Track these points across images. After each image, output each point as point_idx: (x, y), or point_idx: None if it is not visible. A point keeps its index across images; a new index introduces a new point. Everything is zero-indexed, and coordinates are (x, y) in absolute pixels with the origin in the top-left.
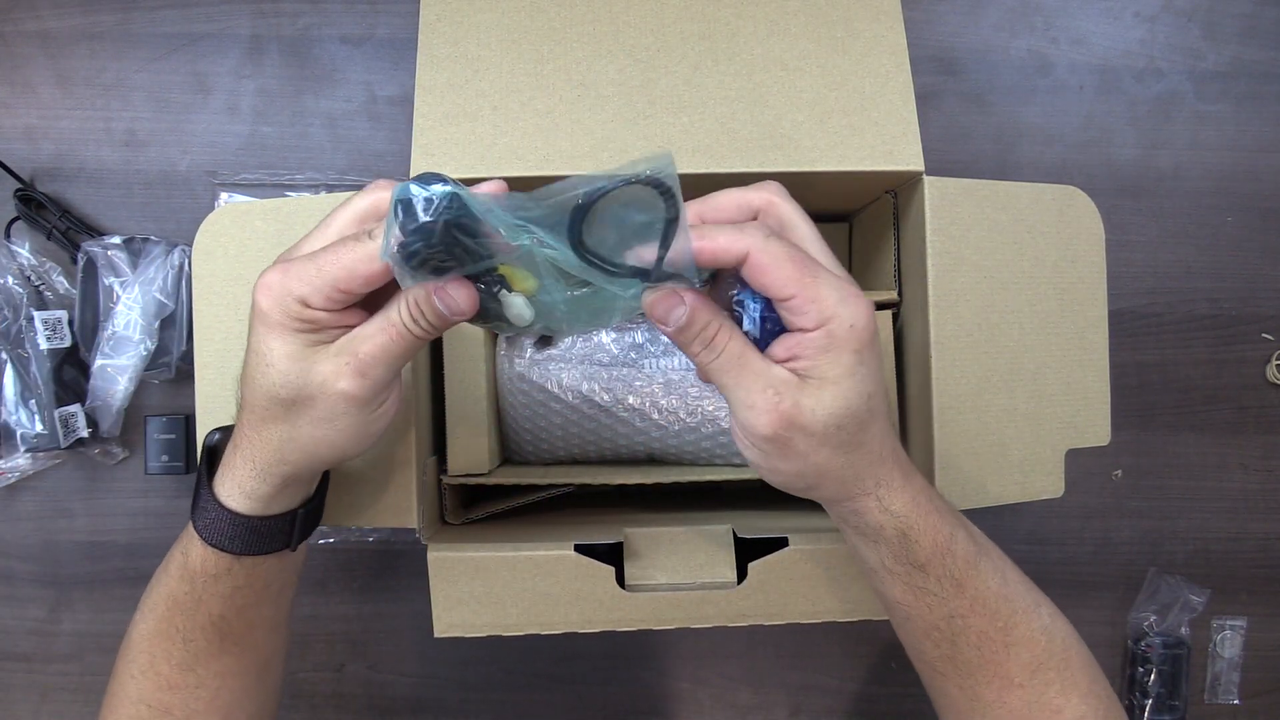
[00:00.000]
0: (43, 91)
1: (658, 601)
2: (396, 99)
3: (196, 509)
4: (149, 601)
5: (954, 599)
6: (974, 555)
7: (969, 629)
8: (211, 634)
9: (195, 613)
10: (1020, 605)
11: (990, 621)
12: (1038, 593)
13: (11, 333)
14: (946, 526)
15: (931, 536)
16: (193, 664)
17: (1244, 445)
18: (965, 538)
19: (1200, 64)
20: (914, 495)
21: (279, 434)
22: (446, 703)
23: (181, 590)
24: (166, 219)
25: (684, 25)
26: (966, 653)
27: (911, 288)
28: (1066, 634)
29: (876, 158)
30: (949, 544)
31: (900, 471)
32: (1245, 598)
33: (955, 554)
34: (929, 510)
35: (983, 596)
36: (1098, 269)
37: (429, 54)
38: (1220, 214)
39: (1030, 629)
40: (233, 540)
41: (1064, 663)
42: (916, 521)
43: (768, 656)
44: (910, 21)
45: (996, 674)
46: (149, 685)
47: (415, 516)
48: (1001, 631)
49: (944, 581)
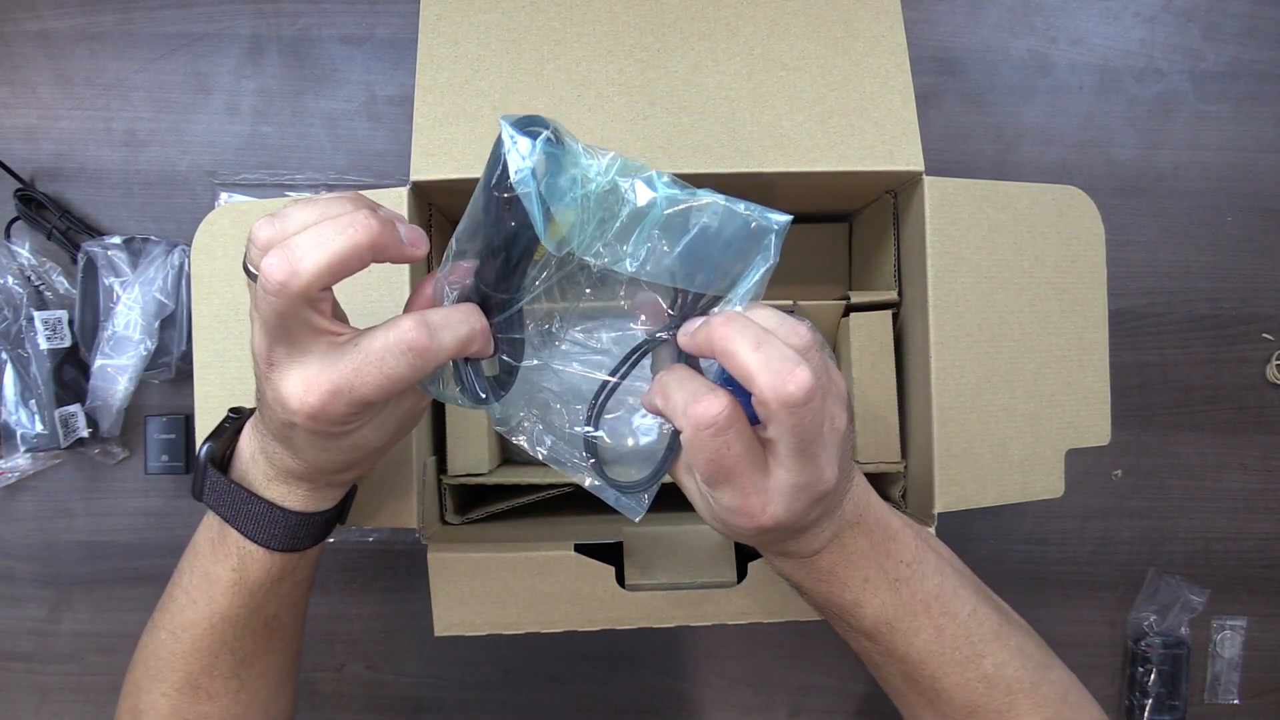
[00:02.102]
0: (43, 91)
1: (658, 600)
2: (396, 99)
3: (241, 519)
4: (179, 622)
5: (865, 643)
6: (888, 618)
7: (889, 667)
8: (262, 635)
9: (250, 621)
10: (954, 659)
11: (914, 669)
12: (990, 640)
13: (11, 333)
14: (849, 595)
15: (822, 599)
16: (238, 669)
17: (1244, 445)
18: (881, 602)
19: (1200, 64)
20: (797, 564)
21: (370, 463)
22: (446, 703)
23: (235, 605)
24: (166, 219)
25: (684, 25)
26: (894, 682)
27: (911, 288)
28: (1014, 680)
29: (876, 158)
30: (850, 608)
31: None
32: (1245, 598)
33: (858, 615)
34: (825, 579)
35: (900, 651)
36: (1098, 269)
37: (429, 54)
38: (1220, 214)
39: (964, 678)
40: (300, 539)
41: (1004, 707)
42: (803, 583)
43: (768, 656)
44: (910, 21)
45: (930, 704)
46: (186, 700)
47: (415, 516)
48: (928, 679)
49: (849, 630)
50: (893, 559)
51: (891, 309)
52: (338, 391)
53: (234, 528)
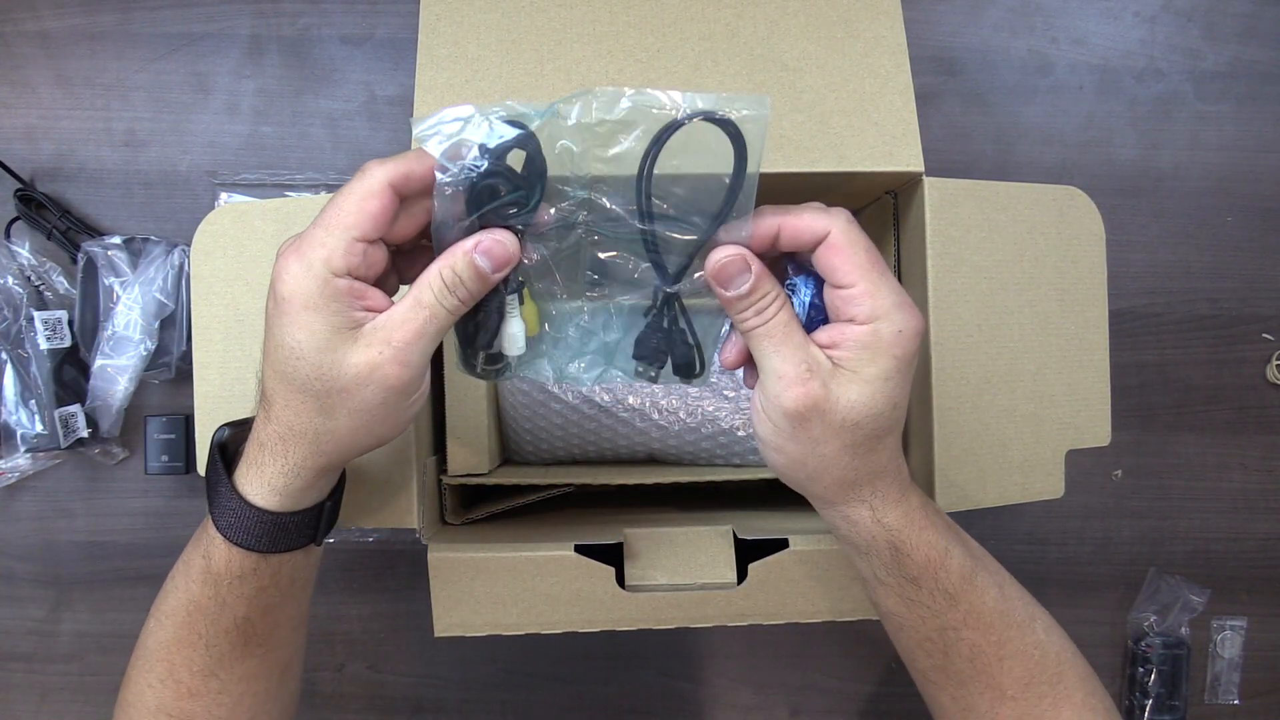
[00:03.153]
0: (43, 91)
1: (658, 601)
2: (396, 99)
3: (216, 508)
4: (164, 608)
5: (947, 612)
6: (969, 570)
7: (961, 641)
8: (235, 637)
9: (219, 616)
10: (1015, 620)
11: (984, 635)
12: (1035, 606)
13: (11, 333)
14: (942, 541)
15: (925, 551)
16: (215, 669)
17: (1244, 445)
18: (961, 553)
19: (1200, 64)
20: (908, 510)
21: (314, 427)
22: (446, 703)
23: (204, 595)
24: (166, 219)
25: (684, 25)
26: (959, 664)
27: (911, 288)
28: (1061, 648)
29: (876, 158)
30: (943, 559)
31: (898, 485)
32: (1245, 598)
33: (949, 569)
34: (924, 525)
35: (977, 611)
36: (1098, 269)
37: (429, 54)
38: (1220, 214)
39: (1024, 644)
40: (259, 539)
41: (1057, 677)
42: (910, 535)
43: (768, 656)
44: (910, 21)
45: (989, 686)
46: (169, 694)
47: (415, 517)
48: (995, 645)
49: (937, 595)
50: (945, 518)
51: None
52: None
53: (209, 512)
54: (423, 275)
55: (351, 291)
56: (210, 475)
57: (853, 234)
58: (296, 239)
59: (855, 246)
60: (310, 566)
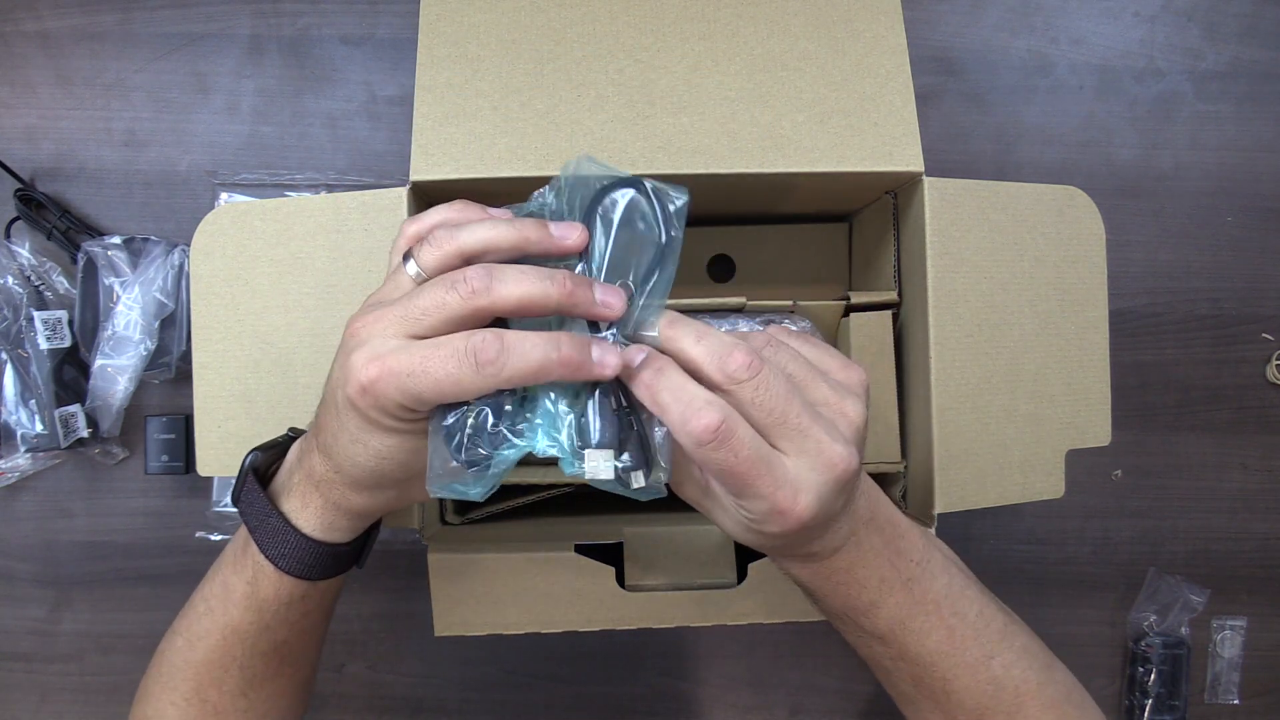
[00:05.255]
0: (43, 91)
1: (658, 601)
2: (396, 99)
3: (263, 536)
4: (197, 630)
5: (878, 647)
6: (901, 618)
7: (900, 671)
8: (272, 659)
9: (258, 640)
10: (964, 660)
11: (925, 671)
12: (998, 641)
13: (11, 333)
14: (866, 596)
15: (839, 602)
16: (246, 689)
17: (1244, 445)
18: (896, 602)
19: (1200, 64)
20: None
21: (384, 498)
22: (446, 703)
23: (245, 619)
24: (166, 219)
25: (684, 25)
26: (903, 687)
27: (911, 288)
28: (1024, 679)
29: (876, 158)
30: (866, 609)
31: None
32: (1245, 598)
33: (873, 616)
34: (844, 581)
35: (913, 652)
36: (1098, 269)
37: (429, 54)
38: (1220, 214)
39: (974, 680)
40: (313, 568)
41: (1013, 708)
42: (820, 588)
43: (768, 656)
44: (910, 21)
45: (938, 707)
46: (194, 712)
47: (415, 517)
48: (939, 680)
49: (861, 635)
50: (904, 557)
51: (891, 309)
52: (396, 373)
53: (254, 540)
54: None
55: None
56: (250, 503)
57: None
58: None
59: (732, 456)
60: (342, 583)
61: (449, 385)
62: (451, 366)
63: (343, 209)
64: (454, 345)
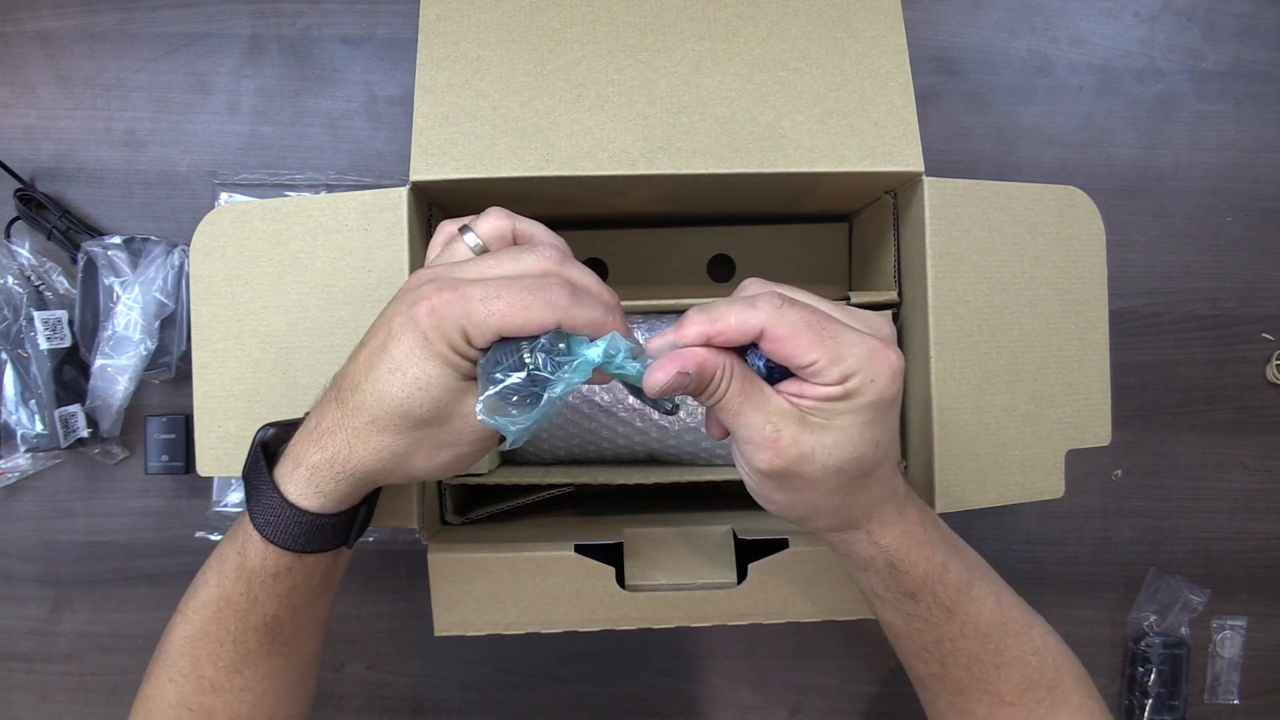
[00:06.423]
0: (43, 91)
1: (658, 601)
2: (396, 99)
3: (255, 505)
4: (193, 604)
5: (944, 624)
6: (965, 582)
7: (959, 651)
8: (264, 634)
9: (250, 613)
10: (1012, 628)
11: (981, 645)
12: (1031, 614)
13: (11, 333)
14: (939, 555)
15: (922, 566)
16: (240, 666)
17: (1244, 445)
18: (958, 565)
19: (1200, 64)
20: (906, 527)
21: (392, 446)
22: (446, 703)
23: (237, 590)
24: (166, 219)
25: (684, 25)
26: (956, 673)
27: (911, 288)
28: (1058, 653)
29: (876, 158)
30: (940, 573)
31: (895, 505)
32: (1245, 598)
33: (946, 582)
34: (921, 540)
35: (974, 621)
36: (1098, 269)
37: (429, 54)
38: (1220, 214)
39: (1021, 650)
40: (297, 538)
41: (1054, 681)
42: (907, 553)
43: (768, 656)
44: (910, 21)
45: (986, 692)
46: (190, 688)
47: (415, 517)
48: (992, 654)
49: (934, 609)
50: (943, 526)
51: (891, 309)
52: (469, 298)
53: (247, 508)
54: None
55: (473, 359)
56: (251, 473)
57: (786, 316)
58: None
59: (794, 326)
60: (338, 568)
61: (520, 314)
62: (528, 297)
63: (343, 209)
64: (530, 281)
